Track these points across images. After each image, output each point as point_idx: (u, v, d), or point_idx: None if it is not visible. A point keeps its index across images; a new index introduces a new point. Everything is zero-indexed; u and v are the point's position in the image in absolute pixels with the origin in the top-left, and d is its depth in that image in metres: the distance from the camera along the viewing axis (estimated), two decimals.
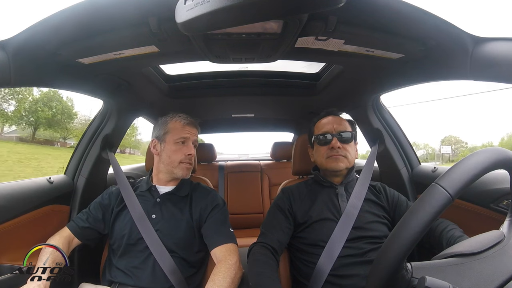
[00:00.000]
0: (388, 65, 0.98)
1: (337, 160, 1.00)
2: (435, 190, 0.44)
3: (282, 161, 2.51)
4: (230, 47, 0.85)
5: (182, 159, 1.02)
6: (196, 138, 1.09)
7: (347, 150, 1.01)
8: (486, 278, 0.44)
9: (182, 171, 1.03)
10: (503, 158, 0.47)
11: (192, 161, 1.07)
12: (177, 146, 1.03)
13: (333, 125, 1.04)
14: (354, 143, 1.05)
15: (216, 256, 0.92)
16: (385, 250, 0.45)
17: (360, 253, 0.89)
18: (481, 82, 0.77)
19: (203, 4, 0.50)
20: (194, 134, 1.08)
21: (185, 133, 1.04)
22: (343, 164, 1.00)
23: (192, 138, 1.06)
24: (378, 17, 0.71)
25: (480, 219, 0.94)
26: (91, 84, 1.09)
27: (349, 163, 1.02)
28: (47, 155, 18.47)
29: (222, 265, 0.87)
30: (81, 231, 1.00)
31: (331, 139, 1.02)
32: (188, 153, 1.03)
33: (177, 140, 1.03)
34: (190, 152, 1.04)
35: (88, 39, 0.77)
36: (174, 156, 1.02)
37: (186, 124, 1.06)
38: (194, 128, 1.08)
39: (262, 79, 1.46)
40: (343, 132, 1.02)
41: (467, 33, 0.71)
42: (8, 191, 0.99)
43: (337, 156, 1.00)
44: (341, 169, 1.01)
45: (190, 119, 1.08)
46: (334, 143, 1.00)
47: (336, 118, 1.08)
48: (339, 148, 1.00)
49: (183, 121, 1.06)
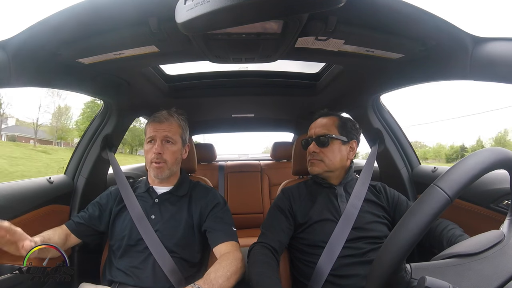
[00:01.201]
0: (388, 65, 0.98)
1: (312, 165, 1.04)
2: (433, 191, 0.44)
3: (282, 161, 2.51)
4: (230, 47, 0.85)
5: (151, 158, 0.99)
6: (166, 133, 1.00)
7: (324, 154, 1.01)
8: (486, 278, 0.44)
9: (153, 171, 1.00)
10: (503, 158, 0.47)
11: (162, 159, 0.99)
12: (148, 146, 1.02)
13: (315, 129, 1.06)
14: (338, 145, 1.02)
15: (221, 251, 0.91)
16: (384, 251, 0.45)
17: (360, 253, 0.89)
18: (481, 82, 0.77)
19: (203, 4, 0.50)
20: (162, 130, 1.00)
21: (150, 132, 1.01)
22: (318, 168, 1.02)
23: (158, 135, 0.99)
24: (378, 17, 0.71)
25: (480, 219, 0.94)
26: (91, 84, 1.09)
27: (326, 167, 1.02)
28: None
29: (229, 255, 0.87)
30: (76, 227, 1.00)
31: (310, 143, 1.05)
32: (155, 151, 0.98)
33: (147, 140, 1.02)
34: (157, 150, 0.98)
35: (88, 39, 0.77)
36: (147, 156, 1.02)
37: (152, 122, 1.03)
38: (160, 123, 1.01)
39: (262, 79, 1.46)
40: (321, 136, 1.03)
41: (467, 33, 0.71)
42: (8, 191, 0.99)
43: (312, 161, 1.03)
44: (316, 173, 1.04)
45: (158, 114, 1.04)
46: (310, 148, 1.04)
47: (321, 120, 1.08)
48: (314, 152, 1.02)
49: (151, 119, 1.04)
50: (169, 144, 1.01)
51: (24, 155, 16.93)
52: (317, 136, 1.03)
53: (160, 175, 1.00)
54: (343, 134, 1.04)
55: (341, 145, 1.03)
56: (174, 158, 1.02)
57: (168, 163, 1.00)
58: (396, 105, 38.88)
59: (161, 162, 0.99)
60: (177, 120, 1.06)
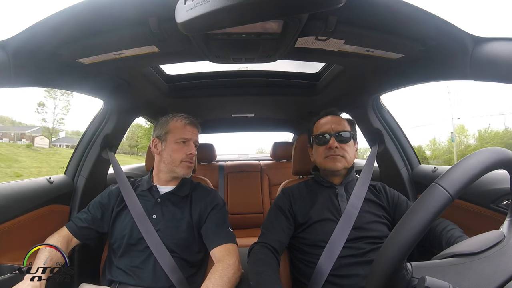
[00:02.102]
0: (388, 65, 0.98)
1: (334, 160, 1.00)
2: (435, 190, 0.44)
3: (282, 161, 2.51)
4: (230, 47, 0.85)
5: (183, 158, 1.03)
6: (197, 138, 1.10)
7: (345, 150, 1.01)
8: (486, 278, 0.44)
9: (183, 170, 1.04)
10: (503, 158, 0.47)
11: (193, 160, 1.07)
12: (178, 145, 1.04)
13: (331, 125, 1.04)
14: (353, 142, 1.05)
15: (215, 256, 0.92)
16: (385, 250, 0.45)
17: (360, 253, 0.89)
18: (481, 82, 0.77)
19: (203, 4, 0.50)
20: (195, 134, 1.08)
21: (186, 133, 1.05)
22: (341, 164, 1.00)
23: (193, 138, 1.07)
24: (378, 17, 0.71)
25: (480, 219, 0.94)
26: (91, 84, 1.09)
27: (347, 163, 1.01)
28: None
29: (219, 264, 0.87)
30: (79, 231, 1.00)
31: (329, 139, 1.02)
32: (189, 152, 1.04)
33: (178, 140, 1.04)
34: (191, 151, 1.05)
35: (88, 39, 0.77)
36: (176, 155, 1.03)
37: (187, 124, 1.07)
38: (195, 128, 1.09)
39: (262, 79, 1.46)
40: (342, 132, 1.02)
41: (467, 33, 0.71)
42: (8, 191, 0.99)
43: (334, 156, 1.00)
44: (339, 169, 1.01)
45: (191, 119, 1.09)
46: (332, 143, 1.00)
47: (335, 118, 1.07)
48: (336, 148, 1.00)
49: (184, 120, 1.07)
50: (195, 148, 1.10)
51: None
52: (337, 132, 1.02)
53: (188, 174, 1.07)
54: (353, 133, 1.06)
55: (353, 143, 1.05)
56: (194, 160, 1.12)
57: (193, 164, 1.10)
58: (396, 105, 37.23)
59: (192, 162, 1.07)
60: (199, 127, 1.14)
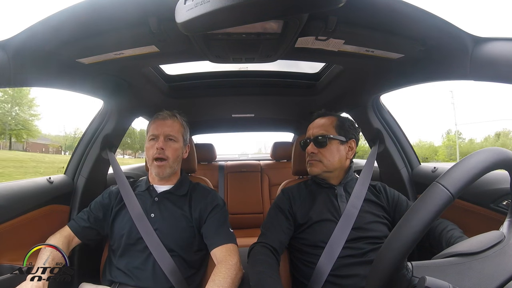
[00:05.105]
0: (388, 65, 0.98)
1: (311, 165, 1.04)
2: (436, 189, 0.44)
3: (282, 161, 2.51)
4: (230, 47, 0.85)
5: (153, 155, 1.00)
6: (169, 131, 1.03)
7: (322, 155, 1.02)
8: (486, 278, 0.44)
9: (154, 169, 1.02)
10: (504, 158, 0.47)
11: (164, 155, 1.00)
12: (149, 143, 1.04)
13: (313, 130, 1.07)
14: (336, 145, 1.02)
15: (216, 257, 0.92)
16: (386, 249, 0.45)
17: (360, 254, 0.89)
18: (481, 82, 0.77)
19: (203, 4, 0.50)
20: (165, 127, 1.02)
21: (153, 130, 1.03)
22: (317, 169, 1.02)
23: (163, 133, 1.02)
24: (378, 17, 0.71)
25: (480, 219, 0.94)
26: (91, 84, 1.09)
27: (325, 167, 1.02)
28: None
29: (222, 265, 0.86)
30: (82, 231, 1.01)
31: (308, 144, 1.05)
32: (157, 146, 1.00)
33: (149, 138, 1.04)
34: (159, 145, 1.00)
35: (88, 39, 0.77)
36: (148, 153, 1.03)
37: (156, 119, 1.06)
38: (164, 121, 1.04)
39: (262, 79, 1.46)
40: (318, 136, 1.03)
41: (467, 33, 0.71)
42: (8, 191, 0.98)
43: (311, 161, 1.04)
44: (315, 174, 1.04)
45: (162, 113, 1.06)
46: (308, 148, 1.04)
47: (320, 120, 1.08)
48: (312, 153, 1.03)
49: (154, 117, 1.06)
50: (171, 142, 1.04)
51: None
52: (315, 137, 1.03)
53: (161, 174, 1.01)
54: (341, 134, 1.04)
55: (339, 145, 1.03)
56: (176, 155, 1.04)
57: (170, 160, 1.02)
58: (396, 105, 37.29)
59: (163, 159, 1.00)
60: (179, 119, 1.09)
